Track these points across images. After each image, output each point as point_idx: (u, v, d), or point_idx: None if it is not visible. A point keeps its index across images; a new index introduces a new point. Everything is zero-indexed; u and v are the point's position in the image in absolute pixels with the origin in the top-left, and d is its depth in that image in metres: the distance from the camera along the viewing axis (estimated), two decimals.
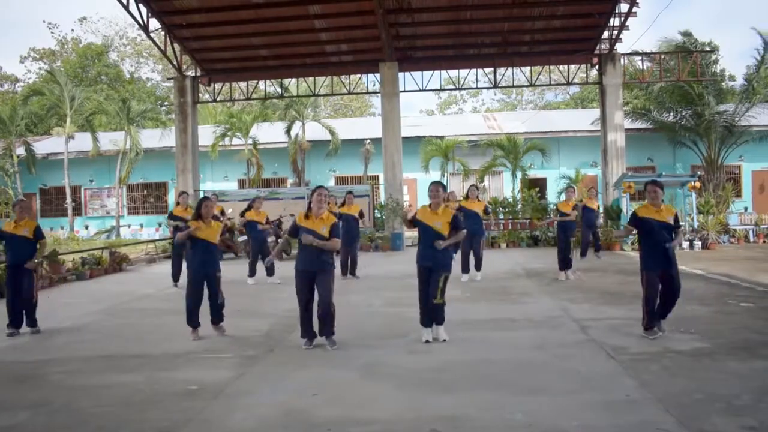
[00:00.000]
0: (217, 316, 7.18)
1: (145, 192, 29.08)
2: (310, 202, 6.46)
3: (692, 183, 17.50)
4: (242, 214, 12.20)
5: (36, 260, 7.75)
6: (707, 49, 20.98)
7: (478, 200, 11.40)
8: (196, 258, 7.05)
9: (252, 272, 11.81)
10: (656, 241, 6.40)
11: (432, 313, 6.46)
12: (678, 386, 4.80)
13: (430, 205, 6.59)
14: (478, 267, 11.26)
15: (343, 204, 12.15)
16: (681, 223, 6.84)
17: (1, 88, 44.05)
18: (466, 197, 11.43)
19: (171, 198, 18.53)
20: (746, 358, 5.60)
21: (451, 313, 6.92)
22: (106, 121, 34.89)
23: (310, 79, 22.62)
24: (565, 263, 11.22)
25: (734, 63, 62.47)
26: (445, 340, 6.47)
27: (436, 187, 6.51)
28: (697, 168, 22.78)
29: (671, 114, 22.62)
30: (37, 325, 7.68)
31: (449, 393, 4.82)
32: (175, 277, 11.46)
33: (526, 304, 8.71)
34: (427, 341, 6.43)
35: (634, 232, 6.89)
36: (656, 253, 6.38)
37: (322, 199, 6.40)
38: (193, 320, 7.03)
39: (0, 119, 26.33)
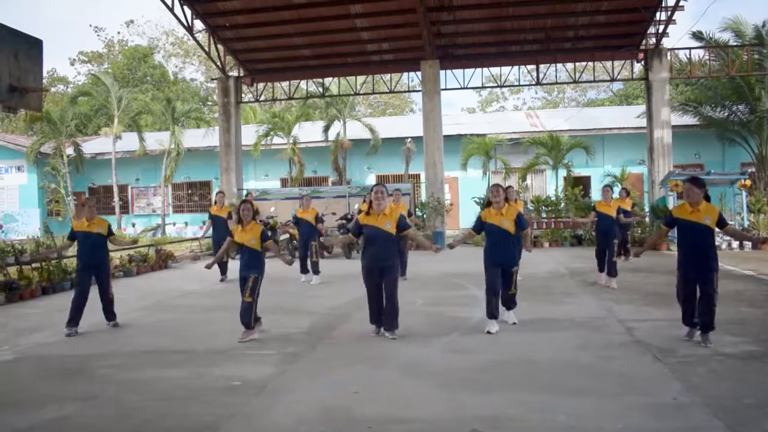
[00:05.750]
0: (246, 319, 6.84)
1: (190, 191, 29.66)
2: (370, 201, 6.73)
3: (742, 181, 17.02)
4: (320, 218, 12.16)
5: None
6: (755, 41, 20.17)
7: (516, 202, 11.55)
8: (242, 261, 6.97)
9: (304, 269, 11.79)
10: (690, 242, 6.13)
11: (507, 303, 7.19)
12: (727, 390, 4.67)
13: (491, 206, 7.01)
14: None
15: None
16: (730, 222, 6.67)
17: (54, 89, 45.36)
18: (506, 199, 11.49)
19: (215, 196, 18.94)
20: None
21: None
22: (152, 121, 35.67)
23: (351, 77, 22.71)
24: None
25: None
26: (515, 323, 7.18)
27: (497, 189, 6.98)
28: (747, 166, 22.09)
29: (720, 110, 21.97)
30: (116, 318, 7.87)
31: (490, 393, 4.78)
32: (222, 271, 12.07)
33: (569, 304, 8.58)
34: (489, 332, 6.74)
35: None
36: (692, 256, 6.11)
37: (380, 195, 6.67)
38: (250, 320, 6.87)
39: (51, 120, 27.02)
